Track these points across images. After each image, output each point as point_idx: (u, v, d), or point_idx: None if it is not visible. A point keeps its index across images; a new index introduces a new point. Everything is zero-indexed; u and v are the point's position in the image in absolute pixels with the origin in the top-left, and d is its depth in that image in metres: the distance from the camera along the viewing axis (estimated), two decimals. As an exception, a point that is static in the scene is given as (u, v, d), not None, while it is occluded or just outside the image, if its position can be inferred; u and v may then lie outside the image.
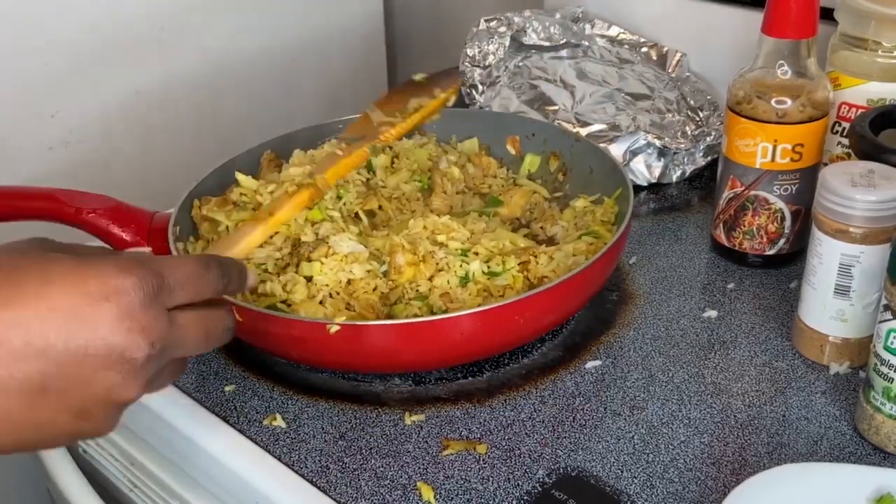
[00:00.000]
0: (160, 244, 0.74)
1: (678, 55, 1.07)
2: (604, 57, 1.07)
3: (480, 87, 1.02)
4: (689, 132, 0.96)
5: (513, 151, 0.91)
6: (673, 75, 1.06)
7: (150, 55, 1.11)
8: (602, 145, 0.93)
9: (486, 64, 1.04)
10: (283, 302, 0.70)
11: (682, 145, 0.94)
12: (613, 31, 1.10)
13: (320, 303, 0.70)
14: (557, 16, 1.10)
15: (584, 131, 0.94)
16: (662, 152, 0.94)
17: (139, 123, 1.12)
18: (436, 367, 0.70)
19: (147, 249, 0.70)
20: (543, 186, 0.88)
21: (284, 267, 0.73)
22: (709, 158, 0.96)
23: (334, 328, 0.63)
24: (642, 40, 1.09)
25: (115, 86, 1.09)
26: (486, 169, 0.89)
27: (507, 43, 1.06)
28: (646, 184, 0.95)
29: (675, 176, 0.95)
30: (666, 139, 0.94)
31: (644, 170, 0.94)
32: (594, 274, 0.70)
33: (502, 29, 1.07)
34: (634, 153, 0.93)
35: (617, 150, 0.93)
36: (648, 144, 0.93)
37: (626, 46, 1.09)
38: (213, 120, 1.19)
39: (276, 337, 0.67)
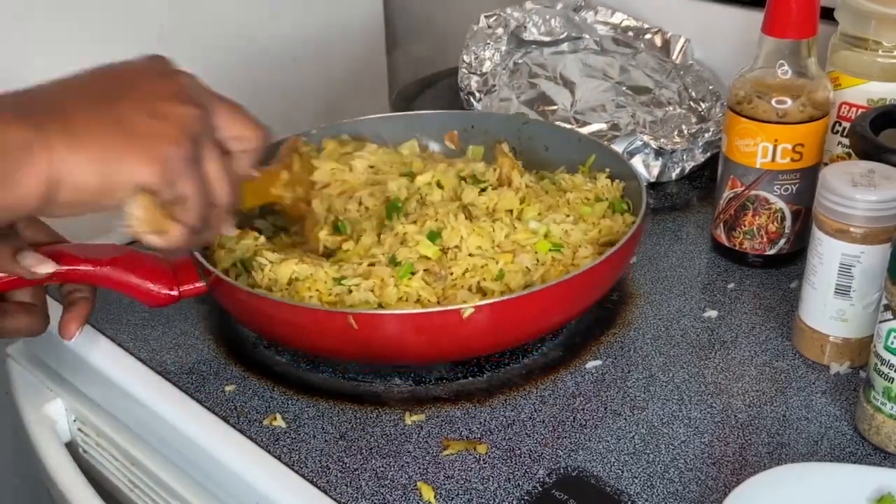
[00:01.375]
0: (189, 281, 0.71)
1: (682, 40, 1.06)
2: (606, 48, 1.06)
3: (478, 95, 1.02)
4: (685, 131, 0.96)
5: (452, 146, 0.91)
6: (677, 62, 1.05)
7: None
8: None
9: (483, 71, 1.04)
10: (379, 307, 0.69)
11: (679, 145, 0.94)
12: (617, 17, 1.10)
13: (407, 301, 0.69)
14: (559, 6, 1.09)
15: (583, 131, 0.94)
16: (659, 152, 0.94)
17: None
18: (552, 331, 0.73)
19: None
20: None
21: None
22: (708, 154, 0.96)
23: (468, 311, 0.63)
24: (646, 26, 1.08)
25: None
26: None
27: (504, 48, 1.06)
28: (644, 183, 0.94)
29: (674, 174, 0.95)
30: (662, 140, 0.93)
31: (643, 169, 0.94)
32: (621, 258, 0.73)
33: (500, 31, 1.07)
34: (632, 154, 0.93)
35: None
36: (645, 145, 0.93)
37: (631, 33, 1.09)
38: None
39: (401, 337, 0.66)
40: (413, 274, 0.70)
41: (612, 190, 0.81)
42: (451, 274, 0.70)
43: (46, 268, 0.65)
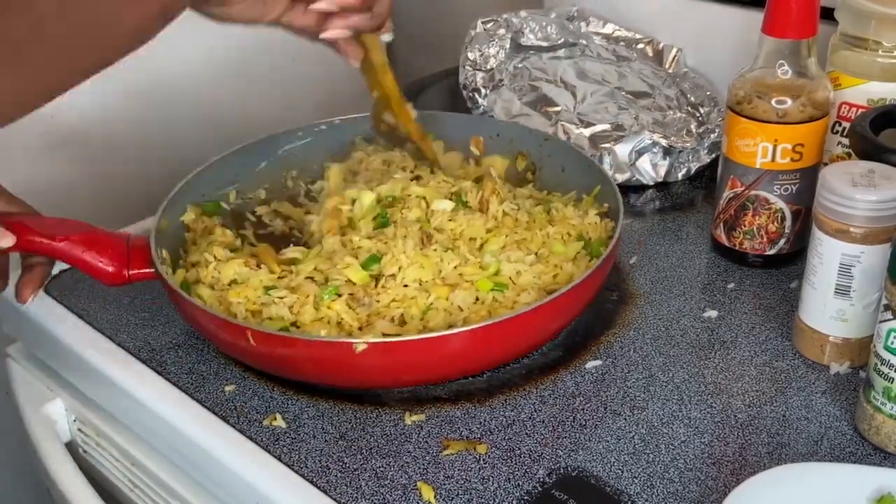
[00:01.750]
0: (140, 266, 0.72)
1: (675, 50, 1.07)
2: (601, 55, 1.07)
3: (483, 91, 1.02)
4: (693, 130, 0.96)
5: (476, 152, 0.90)
6: (671, 71, 1.06)
7: (150, 55, 1.11)
8: (607, 145, 0.93)
9: (488, 67, 1.04)
10: (293, 324, 0.69)
11: (689, 144, 0.94)
12: (608, 28, 1.10)
13: (328, 322, 0.69)
14: (553, 15, 1.10)
15: (587, 132, 0.94)
16: (668, 151, 0.94)
17: (139, 123, 1.12)
18: (460, 377, 0.70)
19: None
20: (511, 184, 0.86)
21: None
22: (714, 155, 0.95)
23: (361, 347, 0.63)
24: (637, 36, 1.09)
25: (115, 86, 1.09)
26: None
27: (508, 45, 1.06)
28: (652, 183, 0.94)
29: (680, 174, 0.95)
30: (672, 138, 0.94)
31: (650, 169, 0.94)
32: (590, 285, 0.71)
33: (501, 31, 1.07)
34: (640, 153, 0.93)
35: (622, 151, 0.92)
36: (654, 144, 0.93)
37: (623, 43, 1.09)
38: (214, 121, 1.19)
39: (295, 360, 0.66)
40: (339, 296, 0.69)
41: (597, 229, 0.78)
42: (378, 301, 0.70)
43: (6, 241, 0.66)
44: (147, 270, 0.72)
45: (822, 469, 0.59)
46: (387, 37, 0.73)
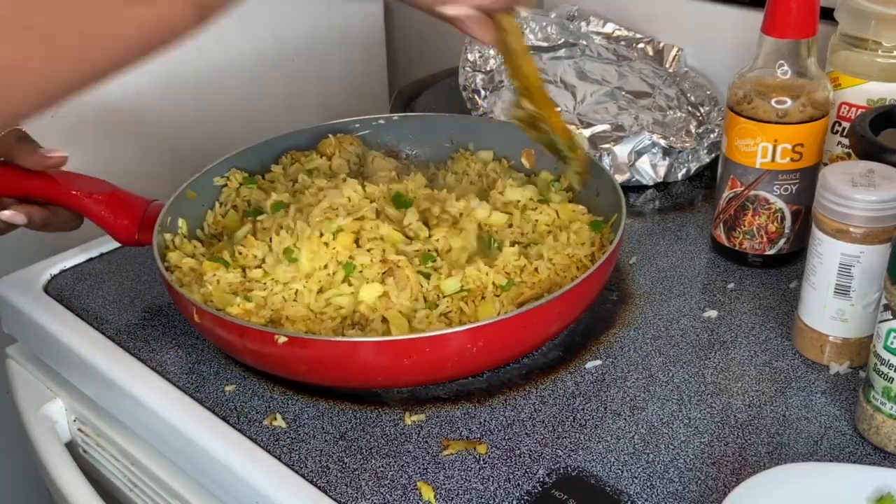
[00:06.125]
0: (151, 231, 0.75)
1: (675, 50, 1.07)
2: (601, 55, 1.07)
3: (483, 93, 1.02)
4: (692, 130, 0.96)
5: (527, 164, 0.89)
6: (671, 70, 1.06)
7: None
8: (607, 146, 0.93)
9: (488, 69, 1.04)
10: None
11: (688, 144, 0.94)
12: (609, 27, 1.10)
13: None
14: (553, 15, 1.10)
15: (587, 132, 0.94)
16: (667, 151, 0.94)
17: (139, 124, 1.12)
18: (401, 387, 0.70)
19: None
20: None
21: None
22: (713, 155, 0.95)
23: (281, 339, 0.64)
24: (638, 36, 1.09)
25: (115, 86, 1.09)
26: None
27: None
28: (651, 183, 0.94)
29: (680, 174, 0.95)
30: (671, 138, 0.94)
31: (649, 169, 0.94)
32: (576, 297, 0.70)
33: None
34: (640, 153, 0.93)
35: (622, 151, 0.92)
36: (653, 144, 0.93)
37: (623, 43, 1.09)
38: (213, 122, 1.19)
39: (227, 341, 0.69)
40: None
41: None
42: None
43: (58, 153, 0.73)
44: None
45: (821, 469, 0.59)
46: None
